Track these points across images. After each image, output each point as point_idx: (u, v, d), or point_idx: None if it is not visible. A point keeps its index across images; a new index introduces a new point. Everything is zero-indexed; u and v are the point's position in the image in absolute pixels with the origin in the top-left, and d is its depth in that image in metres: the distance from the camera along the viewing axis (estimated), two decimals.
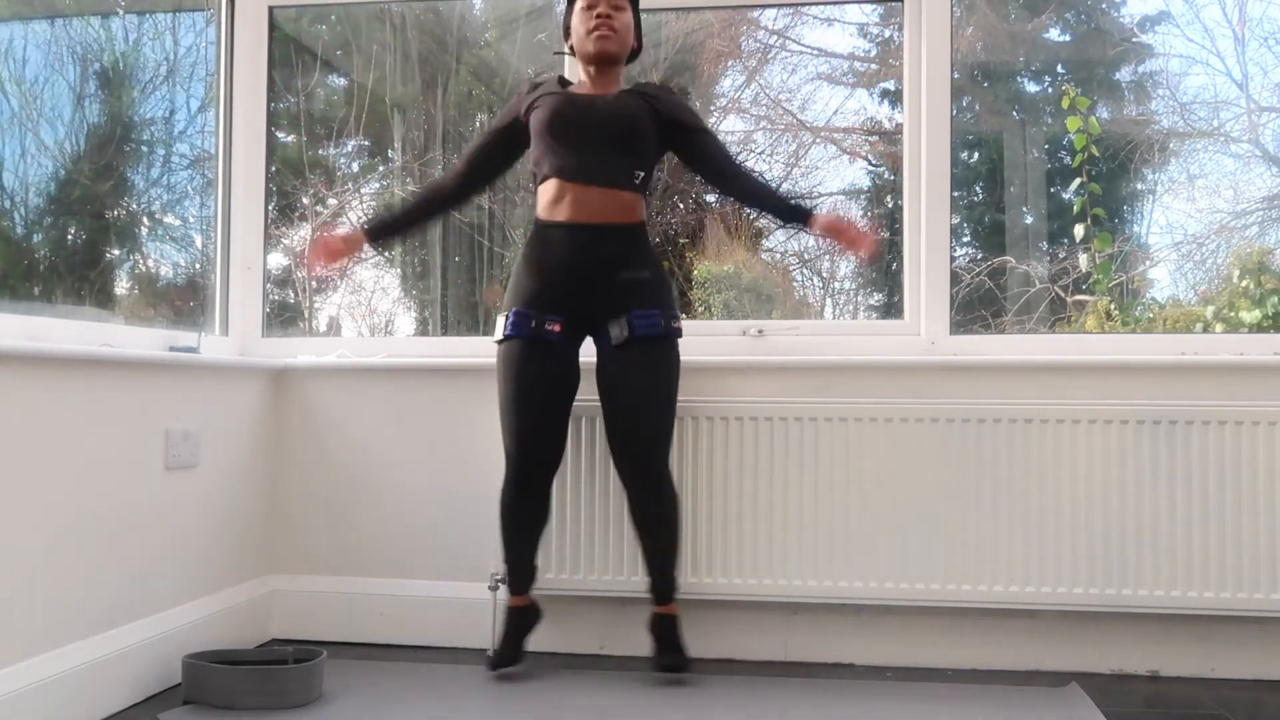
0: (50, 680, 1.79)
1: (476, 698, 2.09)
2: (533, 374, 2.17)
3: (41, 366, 1.83)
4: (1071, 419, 2.28)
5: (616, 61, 2.28)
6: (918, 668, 2.35)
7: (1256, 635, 2.28)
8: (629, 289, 2.18)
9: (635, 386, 2.16)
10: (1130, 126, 3.49)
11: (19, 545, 1.76)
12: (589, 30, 2.22)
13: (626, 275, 2.19)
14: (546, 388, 2.18)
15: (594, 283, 2.18)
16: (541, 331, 2.17)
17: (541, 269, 2.21)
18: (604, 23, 2.22)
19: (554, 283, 2.19)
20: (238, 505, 2.48)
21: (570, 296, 2.19)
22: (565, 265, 2.18)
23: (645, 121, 2.24)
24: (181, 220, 2.98)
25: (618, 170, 2.20)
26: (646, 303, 2.18)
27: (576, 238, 2.18)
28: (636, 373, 2.16)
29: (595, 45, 2.23)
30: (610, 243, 2.19)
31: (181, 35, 2.92)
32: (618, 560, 2.38)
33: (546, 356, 2.18)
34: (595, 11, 2.23)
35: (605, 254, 2.19)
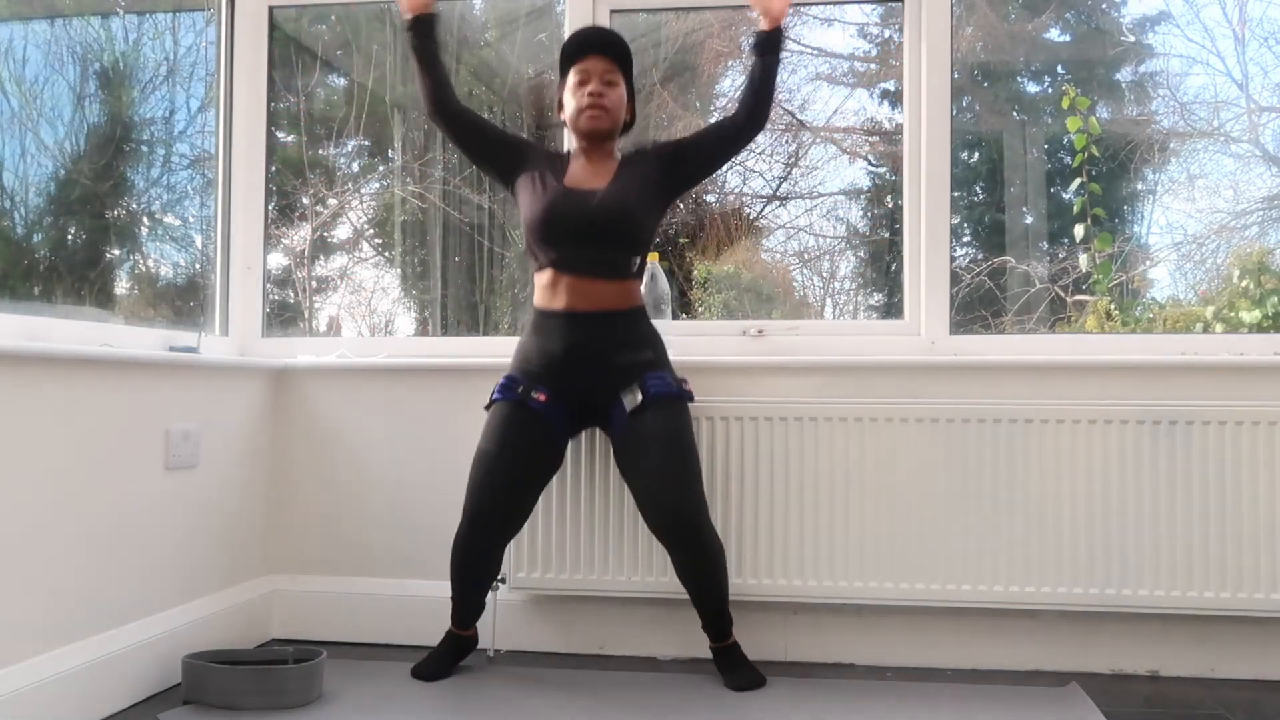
0: (50, 680, 1.79)
1: (476, 698, 2.09)
2: (509, 437, 2.15)
3: (41, 366, 1.83)
4: (1071, 419, 2.29)
5: (609, 137, 2.27)
6: (918, 668, 2.35)
7: (1256, 635, 2.28)
8: (632, 370, 2.17)
9: (660, 445, 2.12)
10: (1130, 126, 3.49)
11: (19, 545, 1.76)
12: (580, 109, 2.22)
13: (628, 358, 2.17)
14: (521, 453, 2.16)
15: (594, 368, 2.16)
16: (526, 398, 2.16)
17: (542, 354, 2.19)
18: (595, 101, 2.20)
19: (554, 364, 2.17)
20: (238, 505, 2.48)
21: (571, 381, 2.17)
22: (565, 352, 2.16)
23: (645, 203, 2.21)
24: (181, 220, 2.98)
25: (615, 262, 2.18)
26: (655, 369, 2.18)
27: (575, 325, 2.16)
28: (658, 432, 2.12)
29: (586, 124, 2.22)
30: (609, 329, 2.18)
31: (181, 35, 2.92)
32: (618, 560, 2.38)
33: (528, 424, 2.16)
34: (587, 89, 2.21)
35: (605, 340, 2.17)
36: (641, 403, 2.13)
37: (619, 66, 2.26)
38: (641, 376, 2.16)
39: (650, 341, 2.23)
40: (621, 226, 2.18)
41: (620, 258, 2.19)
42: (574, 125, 2.26)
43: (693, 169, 2.34)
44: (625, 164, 2.28)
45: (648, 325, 2.25)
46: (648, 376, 2.16)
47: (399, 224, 3.63)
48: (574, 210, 2.17)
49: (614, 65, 2.25)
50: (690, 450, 2.16)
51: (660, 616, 2.43)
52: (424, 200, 3.50)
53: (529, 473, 2.18)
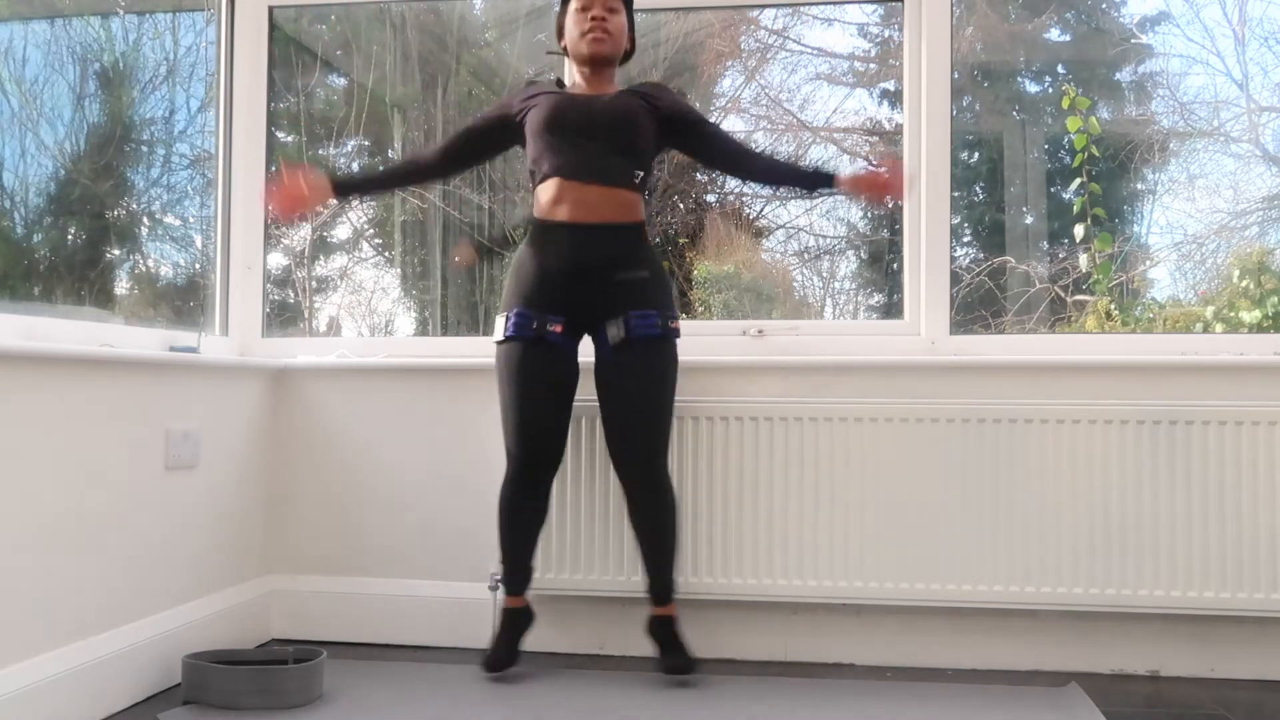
0: (50, 680, 1.79)
1: (476, 698, 2.09)
2: (535, 375, 2.18)
3: (41, 366, 1.83)
4: (1071, 419, 2.28)
5: (610, 63, 2.29)
6: (918, 668, 2.35)
7: (1256, 635, 2.28)
8: (627, 289, 2.18)
9: (632, 389, 2.17)
10: (1130, 126, 3.49)
11: (19, 545, 1.76)
12: (583, 32, 2.24)
13: (625, 275, 2.18)
14: (548, 388, 2.19)
15: (592, 282, 2.18)
16: (543, 332, 2.17)
17: (541, 268, 2.20)
18: (598, 25, 2.23)
19: (553, 282, 2.19)
20: (238, 505, 2.48)
21: (569, 296, 2.19)
22: (564, 264, 2.18)
23: (644, 120, 2.24)
24: (181, 220, 2.98)
25: (617, 169, 2.20)
26: (644, 303, 2.18)
27: (575, 237, 2.18)
28: (633, 375, 2.17)
29: (589, 47, 2.24)
30: (609, 242, 2.19)
31: (181, 35, 2.93)
32: (618, 560, 2.38)
33: (548, 357, 2.18)
34: (589, 14, 2.23)
35: (604, 253, 2.19)
36: (623, 340, 2.15)
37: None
38: (628, 311, 2.17)
39: (649, 261, 2.23)
40: (624, 129, 2.20)
41: (623, 164, 2.20)
42: (575, 51, 2.28)
43: (685, 144, 2.38)
44: (629, 91, 2.31)
45: (647, 243, 2.26)
46: (633, 314, 2.16)
47: (399, 224, 3.63)
48: (578, 111, 2.21)
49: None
50: (662, 395, 2.19)
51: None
52: (424, 200, 3.50)
53: (561, 405, 2.22)
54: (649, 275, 2.21)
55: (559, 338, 2.18)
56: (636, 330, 2.15)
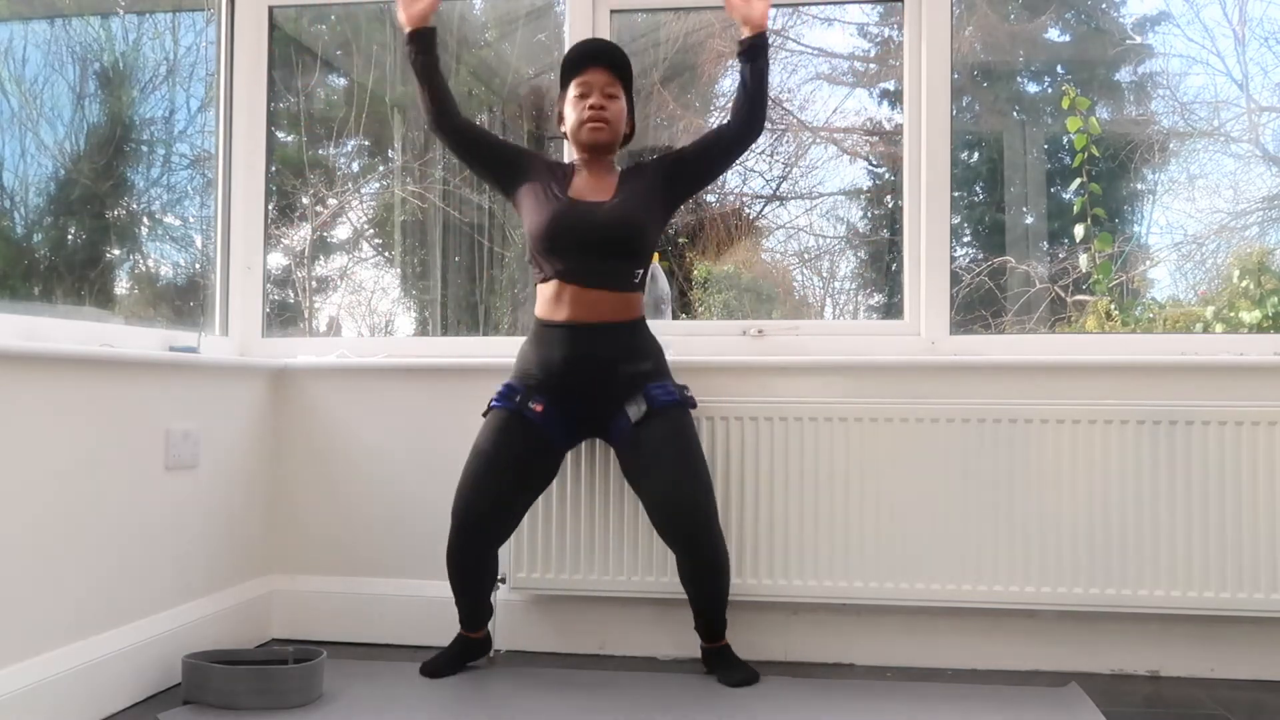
0: (50, 680, 1.79)
1: (477, 698, 2.09)
2: (500, 445, 2.16)
3: (41, 366, 1.83)
4: (1071, 419, 2.28)
5: (610, 150, 2.28)
6: (918, 668, 2.35)
7: (1256, 635, 2.28)
8: (634, 379, 2.17)
9: (669, 452, 2.12)
10: (1130, 126, 3.49)
11: (19, 545, 1.76)
12: (581, 121, 2.22)
13: (629, 369, 2.17)
14: (512, 461, 2.16)
15: (596, 378, 2.16)
16: (523, 407, 2.16)
17: (543, 362, 2.19)
18: (596, 114, 2.21)
19: (555, 375, 2.17)
20: (238, 505, 2.48)
21: (571, 392, 2.17)
22: (566, 362, 2.16)
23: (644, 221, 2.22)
24: (181, 220, 2.98)
25: (619, 274, 2.18)
26: (656, 379, 2.18)
27: (577, 336, 2.16)
28: (666, 439, 2.13)
29: (588, 137, 2.22)
30: (611, 340, 2.18)
31: (181, 35, 2.93)
32: (618, 560, 2.38)
33: (522, 433, 2.16)
34: (588, 102, 2.22)
35: (607, 349, 2.17)
36: (646, 412, 2.14)
37: (619, 79, 2.27)
38: (644, 386, 2.16)
39: (651, 353, 2.23)
40: (627, 239, 2.18)
41: (625, 269, 2.19)
42: (575, 137, 2.27)
43: (693, 178, 2.36)
44: (627, 176, 2.28)
45: (648, 336, 2.25)
46: (650, 386, 2.16)
47: (399, 224, 3.63)
48: (580, 222, 2.17)
49: (615, 78, 2.26)
50: (699, 456, 2.17)
51: (660, 616, 2.43)
52: (424, 200, 3.50)
53: (518, 481, 2.18)
54: (653, 367, 2.21)
55: (538, 417, 2.16)
56: (659, 400, 2.14)
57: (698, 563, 2.15)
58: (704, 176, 2.42)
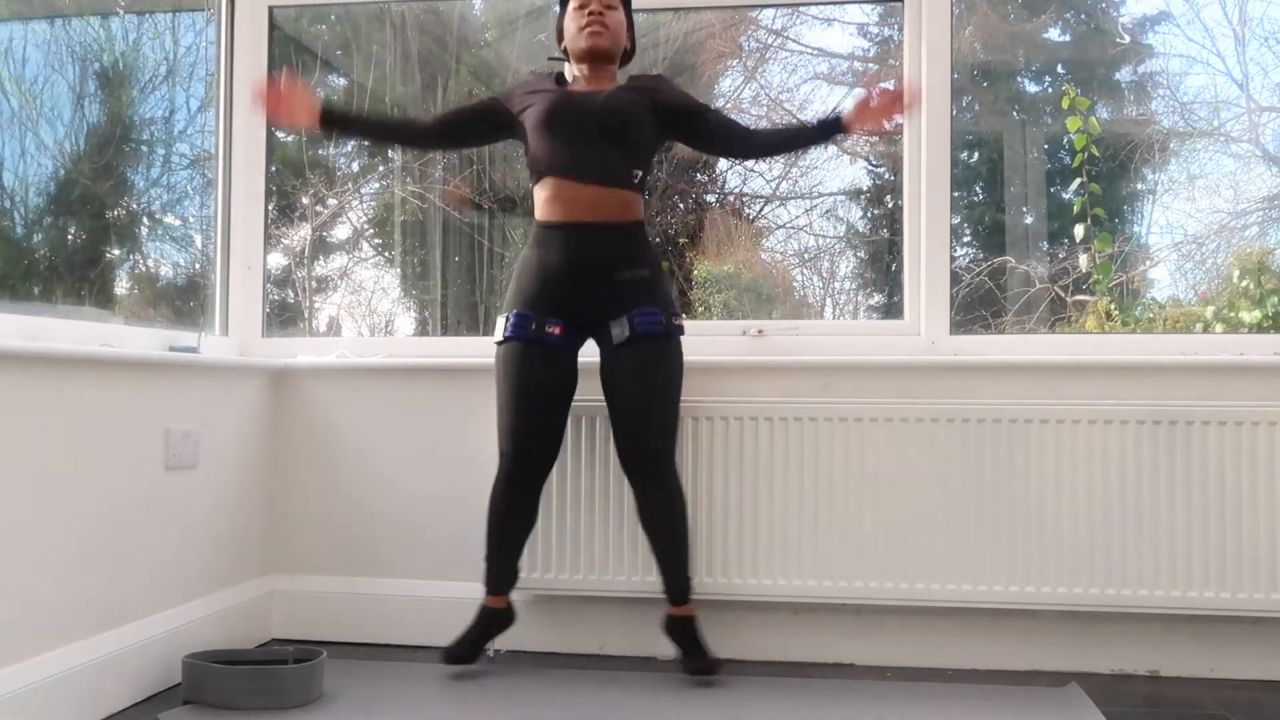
0: (50, 680, 1.79)
1: (477, 698, 2.09)
2: (533, 376, 2.18)
3: (41, 366, 1.83)
4: (1071, 419, 2.28)
5: (609, 59, 2.28)
6: (918, 668, 2.35)
7: (1256, 635, 2.28)
8: (628, 288, 2.18)
9: (639, 386, 2.17)
10: (1130, 126, 3.49)
11: (19, 545, 1.76)
12: (580, 27, 2.24)
13: (625, 274, 2.19)
14: (546, 390, 2.19)
15: (593, 283, 2.18)
16: (542, 334, 2.18)
17: (541, 270, 2.21)
18: (595, 19, 2.22)
19: (553, 284, 2.19)
20: (238, 505, 2.48)
21: (570, 298, 2.19)
22: (564, 266, 2.18)
23: (644, 115, 2.24)
24: (181, 220, 2.98)
25: (615, 167, 2.20)
26: (647, 301, 2.18)
27: (574, 238, 2.18)
28: (640, 372, 2.17)
29: (587, 41, 2.23)
30: (608, 242, 2.19)
31: (181, 35, 2.93)
32: (618, 560, 2.38)
33: (546, 359, 2.19)
34: (587, 10, 2.23)
35: (604, 254, 2.19)
36: (628, 338, 2.15)
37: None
38: (632, 310, 2.17)
39: (649, 259, 2.24)
40: (623, 126, 2.20)
41: (621, 161, 2.20)
42: (574, 46, 2.27)
43: (687, 136, 2.37)
44: (631, 83, 2.30)
45: (647, 242, 2.26)
46: (637, 312, 2.17)
47: (399, 224, 3.63)
48: (575, 108, 2.20)
49: None
50: (667, 392, 2.19)
51: (660, 616, 2.42)
52: (424, 200, 3.50)
53: (558, 408, 2.22)
54: (649, 274, 2.22)
55: (557, 340, 2.18)
56: (641, 328, 2.16)
57: (653, 500, 2.19)
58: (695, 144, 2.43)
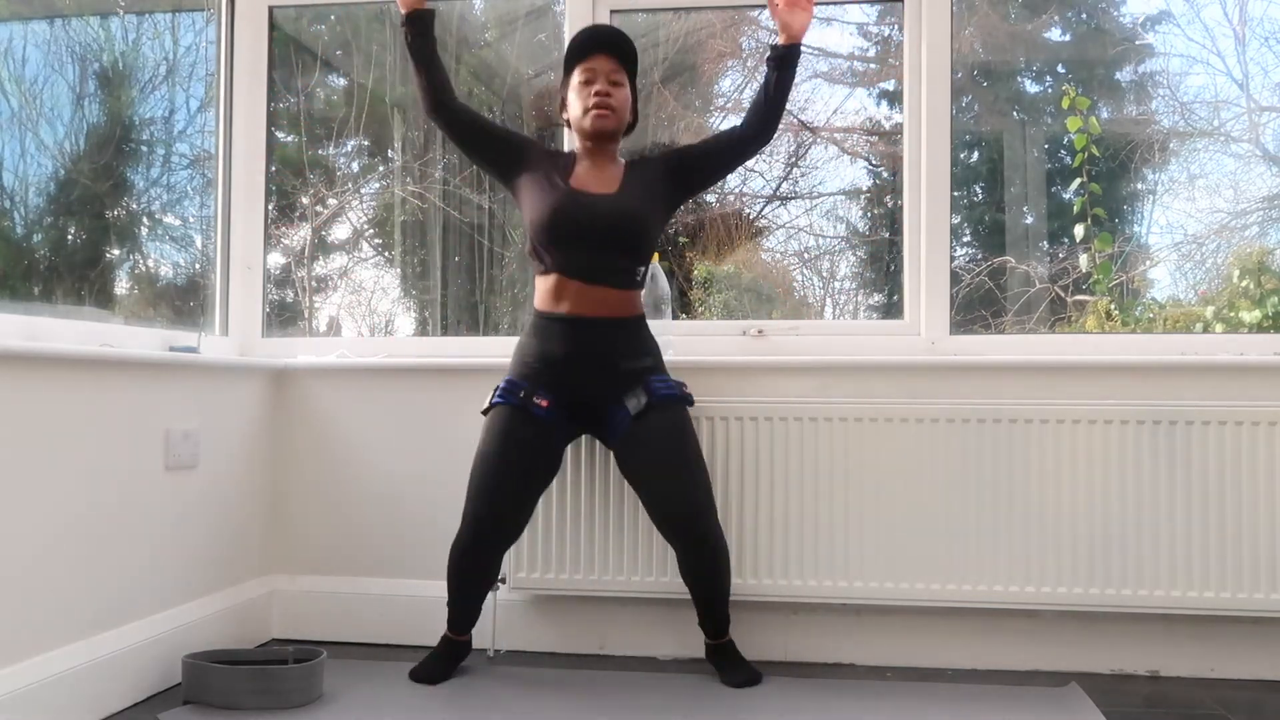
0: (50, 680, 1.79)
1: (476, 698, 2.09)
2: (512, 442, 2.14)
3: (41, 366, 1.83)
4: (1071, 419, 2.28)
5: (614, 138, 2.26)
6: (918, 668, 2.35)
7: (1256, 635, 2.28)
8: (633, 374, 2.17)
9: (668, 446, 2.13)
10: (1130, 126, 3.49)
11: (19, 545, 1.76)
12: (586, 109, 2.20)
13: (629, 365, 2.18)
14: (523, 458, 2.15)
15: (596, 372, 2.16)
16: (528, 403, 2.15)
17: (541, 356, 2.18)
18: (602, 101, 2.19)
19: (554, 370, 2.17)
20: (238, 505, 2.48)
21: (570, 385, 2.17)
22: (566, 357, 2.16)
23: (654, 213, 2.22)
24: (181, 220, 2.98)
25: (621, 271, 2.18)
26: (656, 373, 2.19)
27: (578, 330, 2.16)
28: (664, 433, 2.13)
29: (593, 124, 2.20)
30: (611, 335, 2.18)
31: (181, 35, 2.93)
32: (618, 560, 2.38)
33: (530, 428, 2.15)
34: (593, 89, 2.20)
35: (607, 345, 2.17)
36: (646, 405, 2.13)
37: (624, 67, 2.25)
38: (644, 380, 2.16)
39: (650, 350, 2.23)
40: (631, 234, 2.18)
41: (627, 265, 2.18)
42: (579, 126, 2.24)
43: (700, 177, 2.36)
44: (631, 170, 2.27)
45: (648, 333, 2.25)
46: (651, 379, 2.16)
47: (399, 224, 3.63)
48: (583, 215, 2.16)
49: (620, 65, 2.24)
50: (696, 451, 2.17)
51: (660, 616, 2.43)
52: (424, 200, 3.50)
53: (530, 478, 2.18)
54: (653, 363, 2.21)
55: (543, 411, 2.15)
56: (659, 392, 2.14)
57: (698, 559, 2.15)
58: (711, 176, 2.42)
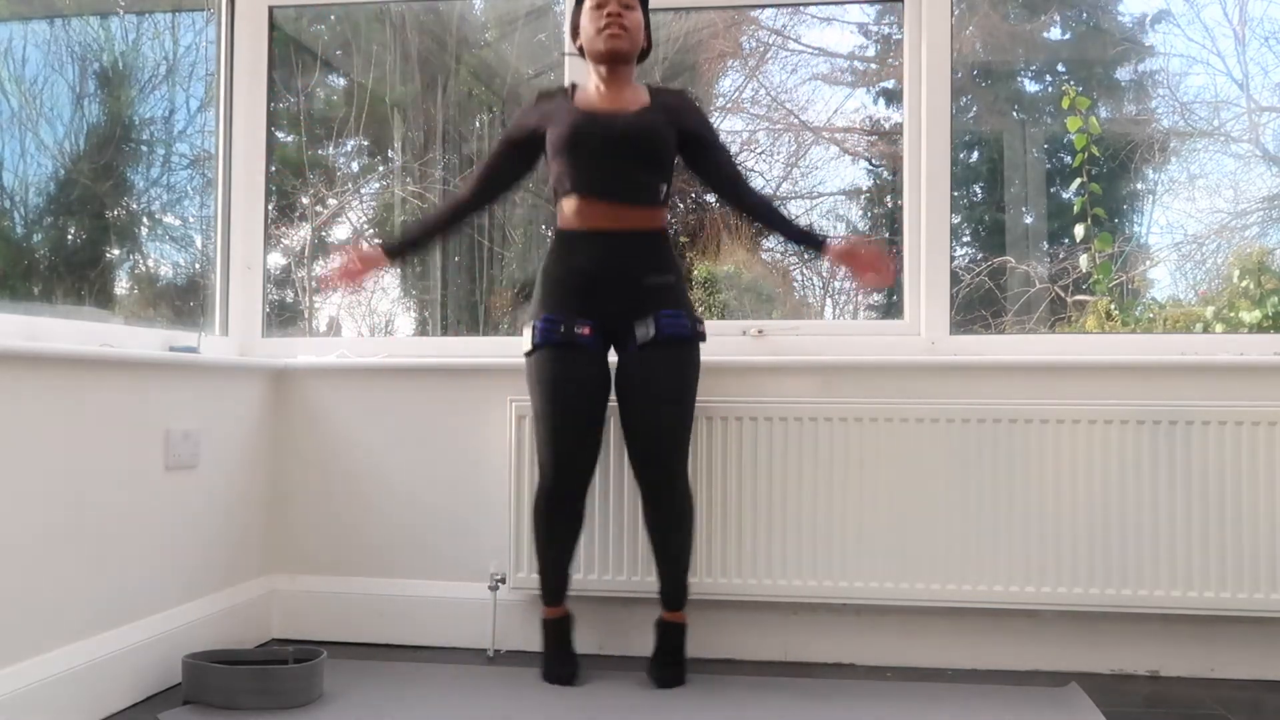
0: (50, 680, 1.79)
1: (477, 698, 2.09)
2: (568, 380, 2.14)
3: (41, 366, 1.83)
4: (1071, 419, 2.28)
5: (628, 60, 2.25)
6: (918, 668, 2.35)
7: (1256, 635, 2.28)
8: (654, 292, 2.17)
9: (657, 387, 2.14)
10: (1130, 126, 3.49)
11: (19, 545, 1.76)
12: (599, 29, 2.19)
13: (652, 279, 2.17)
14: (583, 393, 2.16)
15: (618, 287, 2.16)
16: (571, 336, 2.14)
17: (567, 274, 2.18)
18: (614, 21, 2.18)
19: (580, 287, 2.17)
20: (238, 505, 2.48)
21: (597, 299, 2.17)
22: (590, 269, 2.17)
23: (668, 137, 2.21)
24: (181, 220, 2.98)
25: (641, 187, 2.18)
26: (672, 304, 2.17)
27: (601, 244, 2.16)
28: (659, 373, 2.15)
29: (606, 44, 2.19)
30: (634, 249, 2.18)
31: (181, 35, 2.93)
32: (618, 560, 2.38)
33: (579, 361, 2.15)
34: (605, 10, 2.19)
35: (629, 259, 2.17)
36: (652, 339, 2.14)
37: None
38: (658, 310, 2.15)
39: (673, 266, 2.23)
40: (650, 148, 2.18)
41: (649, 181, 2.18)
42: (592, 48, 2.23)
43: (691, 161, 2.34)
44: (656, 97, 2.26)
45: (671, 249, 2.25)
46: (663, 313, 2.15)
47: (399, 224, 3.63)
48: (600, 130, 2.17)
49: None
50: (685, 401, 2.18)
51: None
52: (424, 200, 3.50)
53: (596, 410, 2.19)
54: (674, 280, 2.21)
55: (588, 340, 2.15)
56: (666, 328, 2.14)
57: (659, 504, 2.18)
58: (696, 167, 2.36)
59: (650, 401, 2.15)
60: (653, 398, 2.15)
